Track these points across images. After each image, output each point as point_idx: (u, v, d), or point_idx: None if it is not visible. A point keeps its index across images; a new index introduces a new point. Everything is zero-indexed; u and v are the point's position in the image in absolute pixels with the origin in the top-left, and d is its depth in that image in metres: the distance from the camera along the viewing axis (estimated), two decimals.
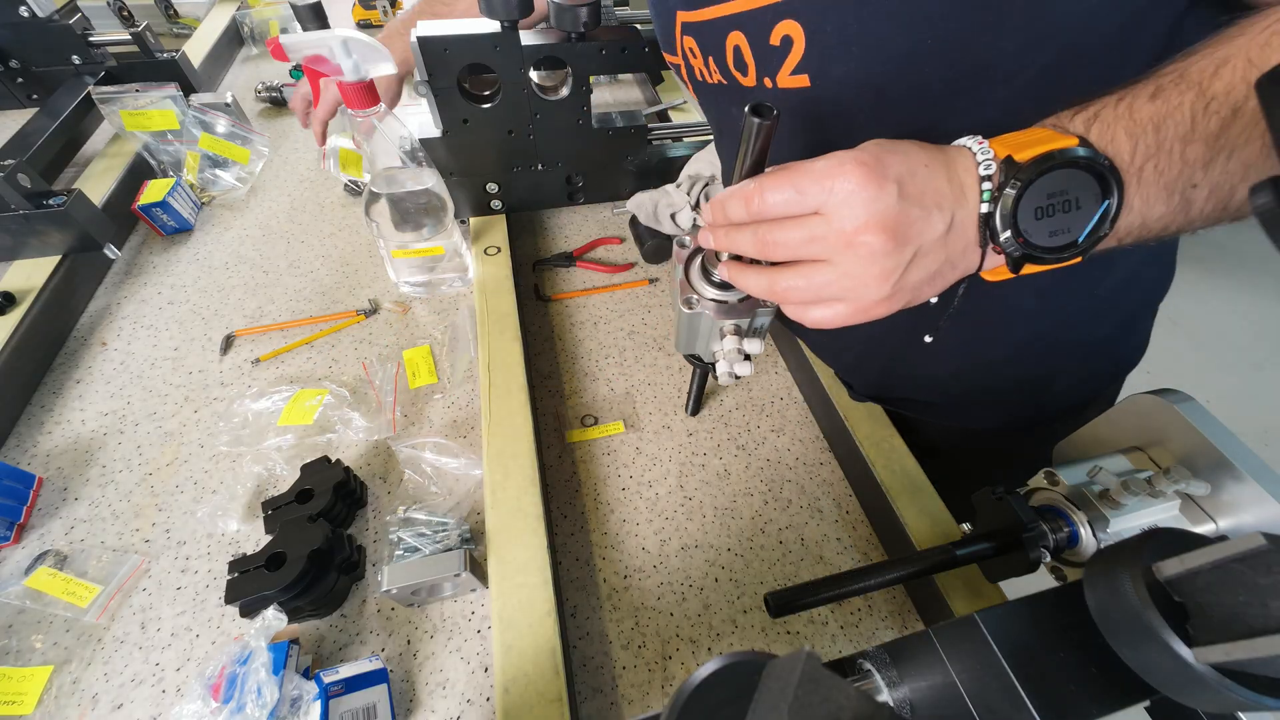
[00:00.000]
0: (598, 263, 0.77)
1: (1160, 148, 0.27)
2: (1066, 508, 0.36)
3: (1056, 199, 0.27)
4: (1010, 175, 0.27)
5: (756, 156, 0.31)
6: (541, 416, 0.61)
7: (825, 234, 0.28)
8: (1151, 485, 0.34)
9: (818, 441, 0.61)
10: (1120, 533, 0.34)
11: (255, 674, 0.37)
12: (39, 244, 0.68)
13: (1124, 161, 0.28)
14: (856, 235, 0.27)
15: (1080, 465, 0.37)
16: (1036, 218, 0.28)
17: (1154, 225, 0.30)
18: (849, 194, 0.27)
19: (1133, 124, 0.28)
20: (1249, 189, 0.29)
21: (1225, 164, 0.27)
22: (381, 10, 1.31)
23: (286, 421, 0.57)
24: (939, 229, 0.28)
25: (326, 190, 0.88)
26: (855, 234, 0.27)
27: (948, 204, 0.28)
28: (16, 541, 0.50)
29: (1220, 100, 0.27)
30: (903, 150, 0.28)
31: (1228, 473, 0.33)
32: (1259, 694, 0.19)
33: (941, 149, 0.30)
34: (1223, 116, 0.27)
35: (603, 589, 0.50)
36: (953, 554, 0.34)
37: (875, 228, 0.27)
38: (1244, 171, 0.27)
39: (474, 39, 0.60)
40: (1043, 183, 0.27)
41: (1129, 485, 0.34)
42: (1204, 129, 0.27)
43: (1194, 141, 0.27)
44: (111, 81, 0.92)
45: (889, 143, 0.29)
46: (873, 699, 0.16)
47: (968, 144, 0.29)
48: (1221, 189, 0.28)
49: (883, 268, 0.28)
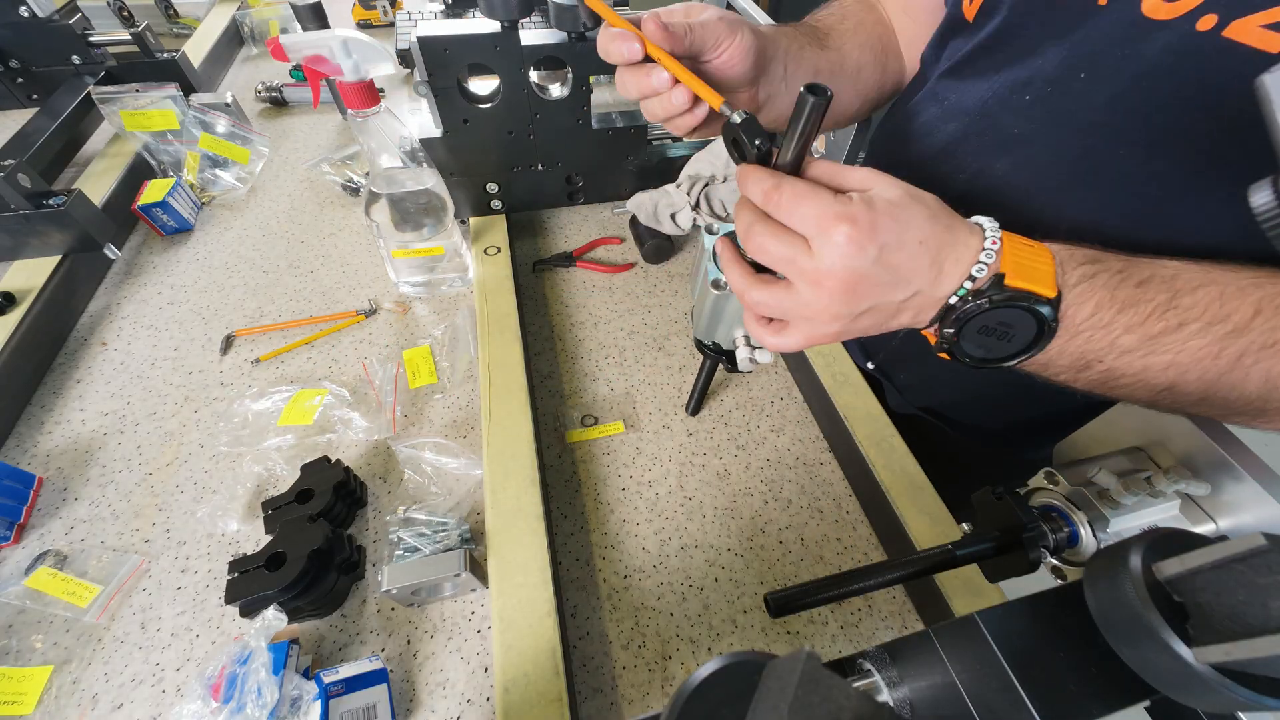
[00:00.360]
0: (598, 263, 0.77)
1: (1107, 325, 0.31)
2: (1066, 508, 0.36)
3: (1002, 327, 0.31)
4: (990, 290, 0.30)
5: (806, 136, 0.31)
6: (541, 416, 0.61)
7: (803, 264, 0.30)
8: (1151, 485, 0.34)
9: (818, 441, 0.61)
10: (1120, 533, 0.34)
11: (255, 674, 0.37)
12: (39, 244, 0.68)
13: (1073, 323, 0.31)
14: (825, 278, 0.30)
15: (1080, 465, 0.37)
16: (978, 332, 0.31)
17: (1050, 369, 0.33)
18: (835, 245, 0.29)
19: (1108, 299, 0.31)
20: (1249, 188, 0.30)
21: (1134, 360, 0.31)
22: (381, 10, 1.31)
23: (286, 421, 0.57)
24: (900, 296, 0.31)
25: (326, 190, 0.88)
26: (825, 276, 0.30)
27: (919, 280, 0.30)
28: (16, 541, 0.50)
29: (1178, 312, 0.30)
30: (908, 216, 0.30)
31: (1228, 473, 0.33)
32: (1259, 694, 0.19)
33: (951, 224, 0.31)
34: (1169, 324, 0.30)
35: (603, 589, 0.50)
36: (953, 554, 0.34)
37: (842, 279, 0.29)
38: (1140, 370, 0.31)
39: (474, 39, 0.60)
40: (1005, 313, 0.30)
41: (1129, 485, 0.34)
42: (1149, 328, 0.30)
43: (1133, 333, 0.31)
44: (111, 81, 0.92)
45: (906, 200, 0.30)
46: (873, 699, 0.16)
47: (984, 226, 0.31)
48: (1113, 373, 0.32)
49: (837, 312, 0.31)
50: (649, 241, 0.75)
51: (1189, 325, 0.30)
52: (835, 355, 0.62)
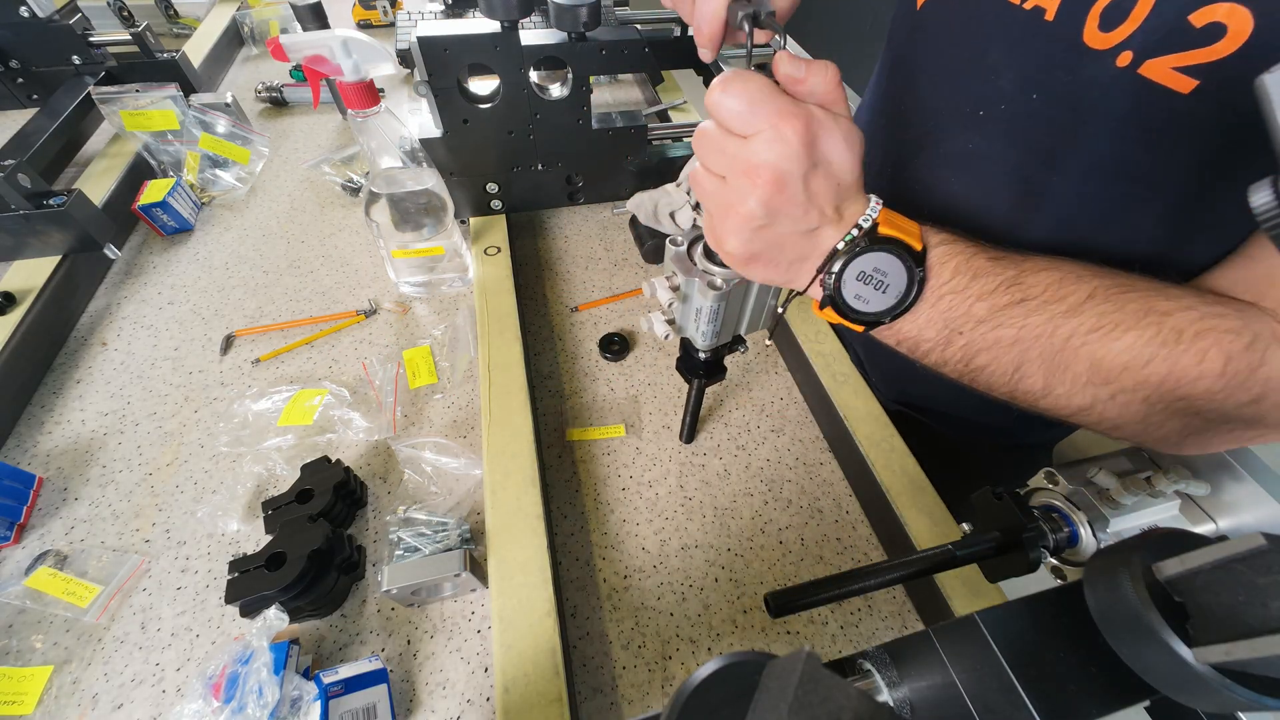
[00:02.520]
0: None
1: (963, 291, 0.33)
2: (1066, 508, 0.36)
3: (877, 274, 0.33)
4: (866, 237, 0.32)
5: None
6: (541, 416, 0.61)
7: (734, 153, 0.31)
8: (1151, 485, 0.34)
9: (818, 441, 0.61)
10: (1120, 532, 0.34)
11: (256, 674, 0.37)
12: (39, 244, 0.68)
13: (936, 283, 0.33)
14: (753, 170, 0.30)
15: (1080, 465, 0.37)
16: (856, 278, 0.33)
17: (922, 344, 0.35)
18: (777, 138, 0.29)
19: (964, 265, 0.33)
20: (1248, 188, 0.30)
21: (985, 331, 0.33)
22: (381, 10, 1.31)
23: (286, 421, 0.57)
24: (805, 225, 0.32)
25: (326, 190, 0.88)
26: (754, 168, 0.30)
27: (826, 215, 0.32)
28: (16, 541, 0.50)
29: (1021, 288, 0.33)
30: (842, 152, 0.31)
31: (1228, 473, 0.33)
32: (1259, 694, 0.19)
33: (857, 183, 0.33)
34: (1012, 298, 0.32)
35: (603, 589, 0.50)
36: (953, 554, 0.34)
37: (772, 175, 0.30)
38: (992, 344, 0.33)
39: (474, 39, 0.60)
40: (876, 256, 0.32)
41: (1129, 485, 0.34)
42: (996, 299, 0.33)
43: (984, 302, 0.33)
44: (112, 81, 0.92)
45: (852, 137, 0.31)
46: (873, 699, 0.16)
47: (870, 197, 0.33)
48: (971, 348, 0.34)
49: (751, 211, 0.31)
50: (649, 241, 0.75)
51: (1030, 301, 0.32)
52: (835, 355, 0.62)
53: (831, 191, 0.31)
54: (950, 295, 0.33)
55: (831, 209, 0.32)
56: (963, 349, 0.34)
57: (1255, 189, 0.31)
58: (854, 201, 0.32)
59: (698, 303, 0.41)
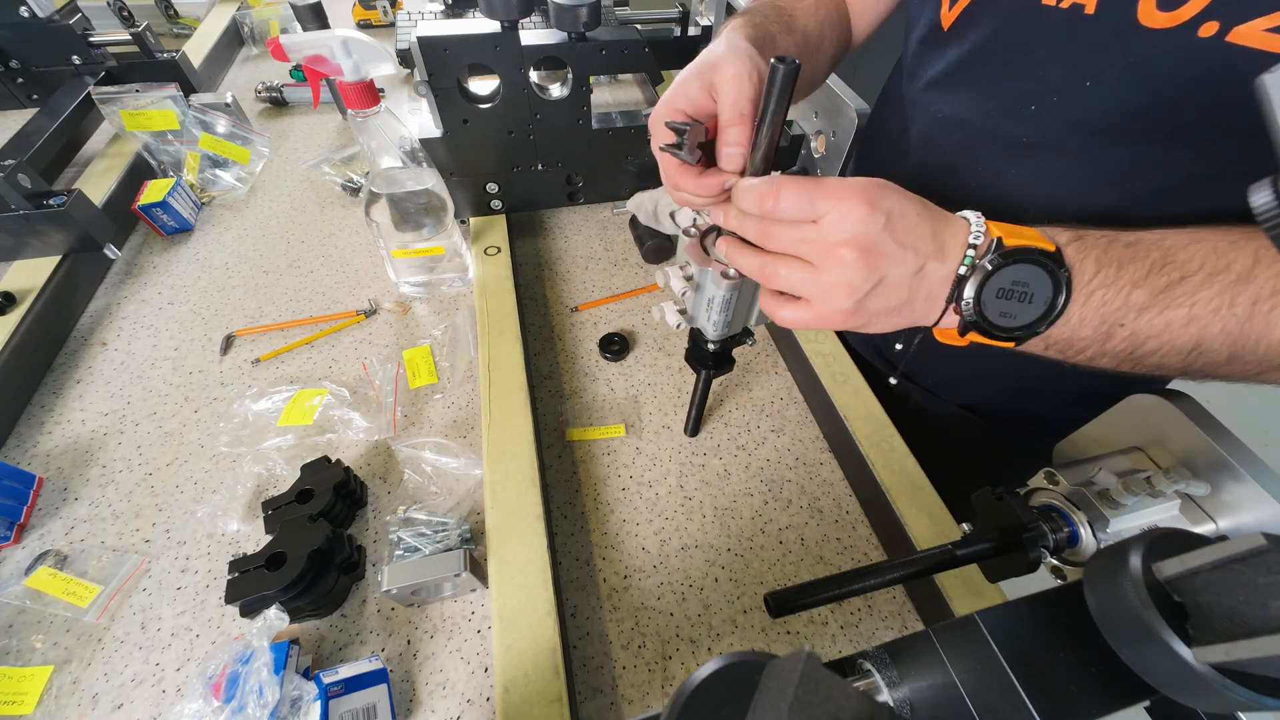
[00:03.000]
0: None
1: (1115, 282, 0.32)
2: (1066, 508, 0.36)
3: (1018, 287, 0.32)
4: (993, 252, 0.32)
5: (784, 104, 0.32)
6: (541, 416, 0.61)
7: (815, 238, 0.32)
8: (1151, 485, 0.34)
9: (818, 441, 0.61)
10: (1120, 533, 0.34)
11: (257, 673, 0.37)
12: (39, 244, 0.68)
13: (1082, 280, 0.32)
14: (838, 246, 0.31)
15: (1080, 465, 0.37)
16: (997, 296, 0.32)
17: (1076, 344, 0.34)
18: (844, 212, 0.31)
19: (1104, 256, 0.32)
20: (1249, 188, 0.30)
21: (1153, 317, 0.32)
22: (381, 10, 1.31)
23: (286, 422, 0.57)
24: (909, 268, 0.32)
25: (326, 190, 0.88)
26: (838, 245, 0.31)
27: (924, 251, 0.32)
28: (16, 541, 0.50)
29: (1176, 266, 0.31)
30: (902, 196, 0.32)
31: (1228, 473, 0.33)
32: (1259, 694, 0.19)
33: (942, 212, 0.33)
34: (1171, 278, 0.31)
35: (603, 589, 0.50)
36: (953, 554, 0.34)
37: (854, 244, 0.31)
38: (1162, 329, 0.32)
39: (474, 39, 0.60)
40: (1014, 269, 0.31)
41: (1129, 485, 0.34)
42: (1153, 282, 0.31)
43: (1141, 288, 0.32)
44: (111, 81, 0.92)
45: (895, 187, 0.32)
46: (873, 699, 0.16)
47: (968, 216, 0.33)
48: (1138, 337, 0.33)
49: (851, 282, 0.32)
50: (649, 241, 0.75)
51: (1191, 278, 0.31)
52: (835, 355, 0.62)
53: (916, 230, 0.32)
54: (1102, 290, 0.32)
55: (927, 245, 0.32)
56: (1127, 340, 0.33)
57: (1255, 189, 0.31)
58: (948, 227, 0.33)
59: (710, 292, 0.42)
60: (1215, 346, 0.32)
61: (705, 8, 1.05)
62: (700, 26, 1.04)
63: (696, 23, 1.04)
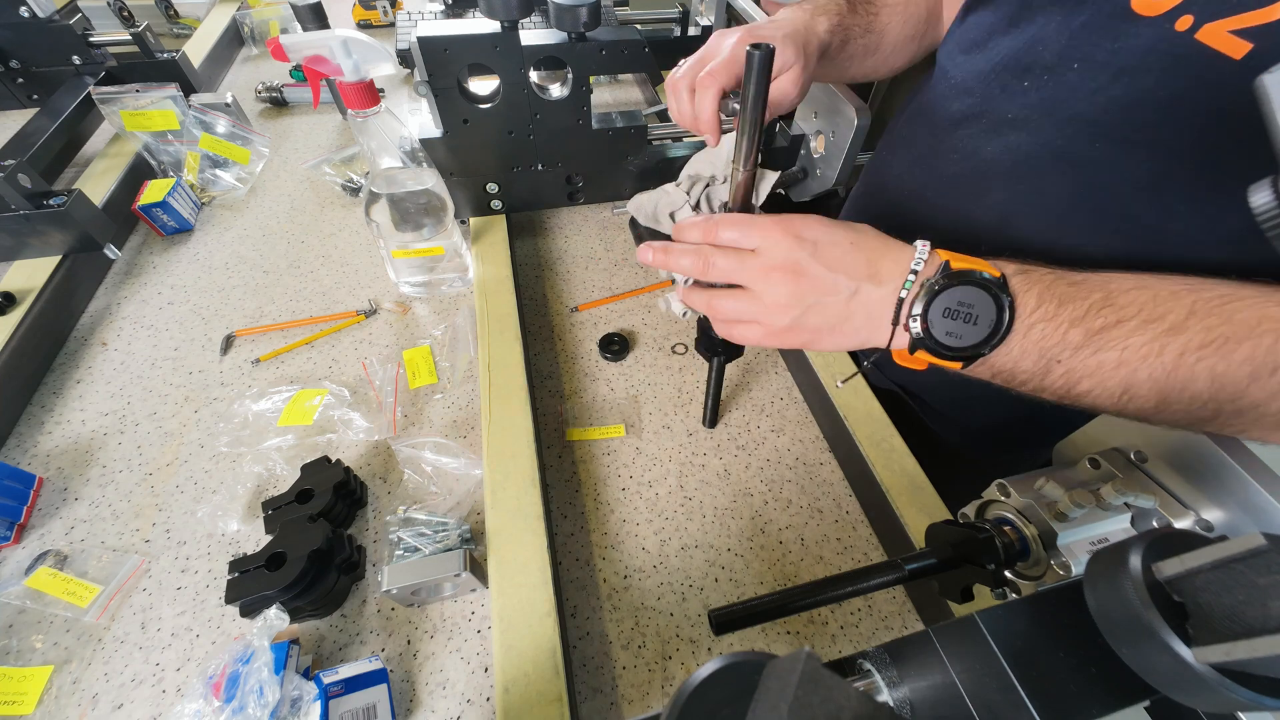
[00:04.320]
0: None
1: (1054, 318, 0.33)
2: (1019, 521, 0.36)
3: (963, 308, 0.33)
4: (939, 273, 0.34)
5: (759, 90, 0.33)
6: (541, 416, 0.61)
7: (752, 265, 0.37)
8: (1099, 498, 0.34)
9: (818, 441, 0.61)
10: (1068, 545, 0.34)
11: (257, 673, 0.37)
12: (39, 244, 0.68)
13: (1024, 311, 0.33)
14: (771, 270, 0.36)
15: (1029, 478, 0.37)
16: (943, 315, 0.34)
17: (1019, 375, 0.35)
18: (775, 241, 0.36)
19: (1047, 292, 0.34)
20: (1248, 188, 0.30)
21: (1086, 357, 0.33)
22: (381, 10, 1.31)
23: (286, 421, 0.57)
24: (841, 292, 0.36)
25: (326, 190, 0.88)
26: (770, 269, 0.36)
27: (856, 275, 0.35)
28: (17, 541, 0.50)
29: (1114, 310, 0.32)
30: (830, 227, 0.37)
31: (1227, 472, 0.33)
32: (1259, 694, 0.19)
33: (884, 239, 0.37)
34: (1107, 320, 0.32)
35: (603, 589, 0.50)
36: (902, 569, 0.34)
37: (784, 268, 0.36)
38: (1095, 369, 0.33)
39: (474, 39, 0.60)
40: (959, 290, 0.33)
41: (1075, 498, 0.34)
42: (1090, 323, 0.33)
43: (1077, 327, 0.33)
44: (112, 82, 0.92)
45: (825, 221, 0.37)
46: (873, 699, 0.16)
47: (916, 244, 0.36)
48: (1073, 375, 0.34)
49: (786, 301, 0.36)
50: (649, 242, 0.75)
51: (1127, 323, 0.32)
52: (835, 355, 0.62)
53: (847, 257, 0.36)
54: (1041, 324, 0.33)
55: (860, 270, 0.35)
56: (1063, 377, 0.34)
57: (1255, 189, 0.31)
58: (889, 256, 0.36)
59: None
60: (1143, 392, 0.33)
61: (705, 8, 1.05)
62: (700, 26, 1.04)
63: (696, 23, 1.04)
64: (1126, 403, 0.33)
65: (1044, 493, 0.36)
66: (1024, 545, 0.35)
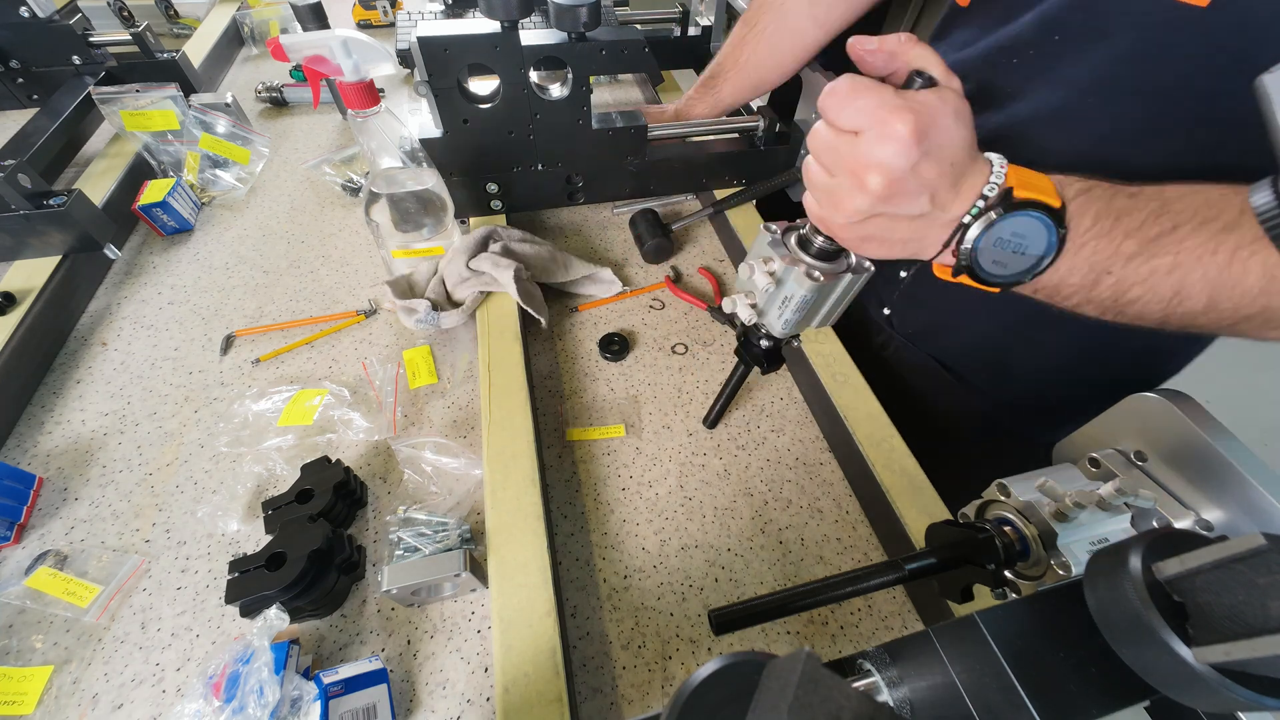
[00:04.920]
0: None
1: (1109, 233, 0.33)
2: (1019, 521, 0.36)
3: (1015, 239, 0.32)
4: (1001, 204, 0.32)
5: None
6: (541, 416, 0.61)
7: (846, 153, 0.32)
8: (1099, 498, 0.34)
9: (818, 441, 0.61)
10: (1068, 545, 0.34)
11: (258, 673, 0.37)
12: (39, 244, 0.68)
13: (1077, 232, 0.33)
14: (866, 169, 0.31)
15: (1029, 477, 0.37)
16: (994, 244, 0.33)
17: (1064, 289, 0.35)
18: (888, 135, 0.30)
19: (1105, 209, 0.33)
20: (1249, 188, 0.30)
21: (1139, 265, 0.33)
22: (381, 10, 1.31)
23: (286, 421, 0.57)
24: (918, 208, 0.32)
25: (326, 190, 0.88)
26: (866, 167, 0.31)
27: (940, 198, 0.32)
28: (16, 541, 0.50)
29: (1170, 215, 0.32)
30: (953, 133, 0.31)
31: (1227, 472, 0.33)
32: (1259, 694, 0.19)
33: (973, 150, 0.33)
34: (1163, 227, 0.32)
35: (603, 589, 0.50)
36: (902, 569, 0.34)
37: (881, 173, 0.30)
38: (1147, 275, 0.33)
39: (474, 39, 0.60)
40: (1016, 220, 0.32)
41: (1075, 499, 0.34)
42: (1146, 231, 0.32)
43: (1133, 237, 0.33)
44: (112, 82, 0.92)
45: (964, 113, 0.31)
46: (873, 699, 0.16)
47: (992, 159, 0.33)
48: (1123, 284, 0.34)
49: (858, 205, 0.32)
50: (649, 241, 0.75)
51: (1183, 226, 0.32)
52: (835, 356, 0.62)
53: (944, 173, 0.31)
54: (1094, 240, 0.33)
55: (945, 192, 0.32)
56: (1112, 287, 0.34)
57: (1255, 189, 0.31)
58: (971, 172, 0.32)
59: (790, 290, 0.41)
60: (1195, 292, 0.33)
61: (705, 8, 1.05)
62: (700, 26, 1.04)
63: (696, 23, 1.04)
64: (1175, 306, 0.34)
65: (1044, 493, 0.36)
66: (1024, 545, 0.35)
